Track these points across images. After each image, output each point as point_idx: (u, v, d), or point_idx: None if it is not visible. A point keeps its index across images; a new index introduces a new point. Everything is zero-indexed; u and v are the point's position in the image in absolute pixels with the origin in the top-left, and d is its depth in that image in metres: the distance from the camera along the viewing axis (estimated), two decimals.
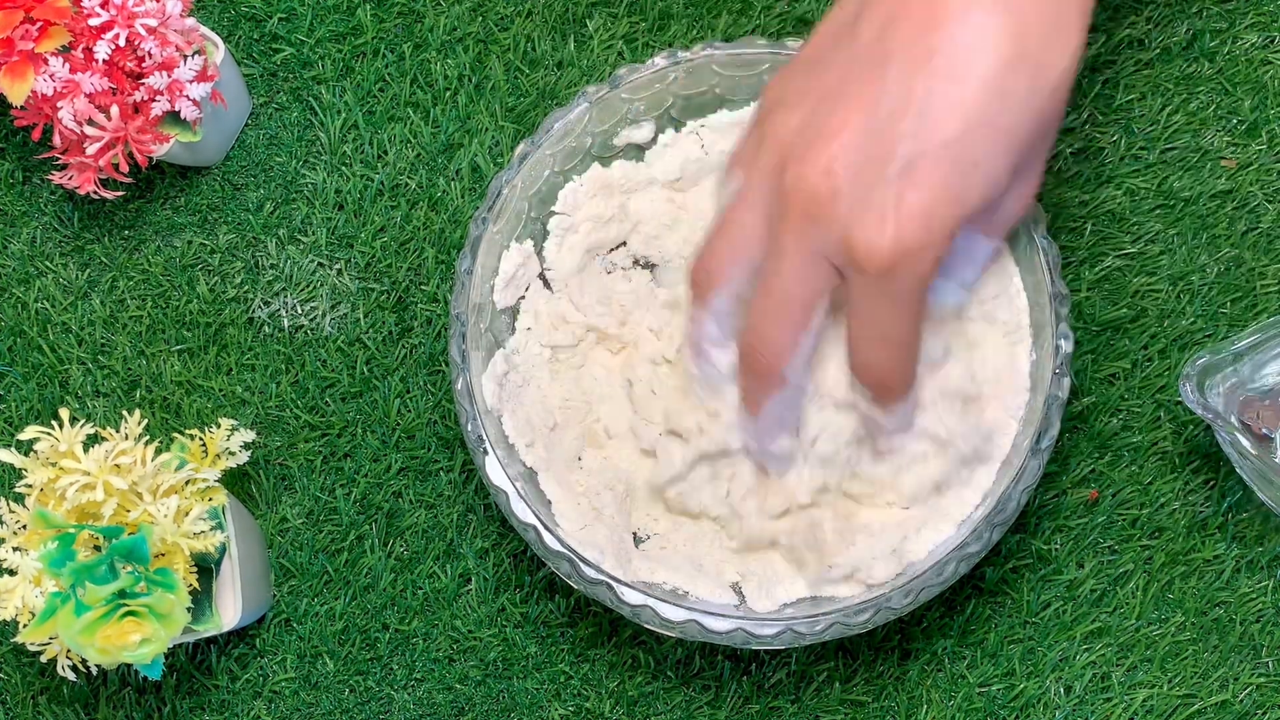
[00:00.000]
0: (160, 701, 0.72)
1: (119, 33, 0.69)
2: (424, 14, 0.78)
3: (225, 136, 0.76)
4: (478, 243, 0.66)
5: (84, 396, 0.75)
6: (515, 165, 0.67)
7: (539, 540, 0.62)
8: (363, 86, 0.78)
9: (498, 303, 0.68)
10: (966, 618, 0.70)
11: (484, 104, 0.77)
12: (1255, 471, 0.66)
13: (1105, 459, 0.72)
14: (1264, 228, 0.73)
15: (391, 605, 0.72)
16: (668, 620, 0.61)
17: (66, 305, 0.76)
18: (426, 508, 0.73)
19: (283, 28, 0.78)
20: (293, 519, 0.73)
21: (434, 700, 0.72)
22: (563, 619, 0.72)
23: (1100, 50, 0.75)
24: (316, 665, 0.72)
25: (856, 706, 0.70)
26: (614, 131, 0.69)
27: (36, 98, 0.69)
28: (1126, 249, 0.74)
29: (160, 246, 0.77)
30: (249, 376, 0.75)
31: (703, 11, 0.77)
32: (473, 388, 0.64)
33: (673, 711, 0.71)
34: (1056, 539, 0.71)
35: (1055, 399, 0.62)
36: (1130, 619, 0.70)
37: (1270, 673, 0.69)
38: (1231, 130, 0.74)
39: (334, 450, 0.74)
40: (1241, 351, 0.66)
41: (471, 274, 0.65)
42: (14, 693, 0.72)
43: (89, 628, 0.62)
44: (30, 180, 0.78)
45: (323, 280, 0.76)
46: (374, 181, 0.77)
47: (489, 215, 0.66)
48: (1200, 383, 0.65)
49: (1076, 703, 0.69)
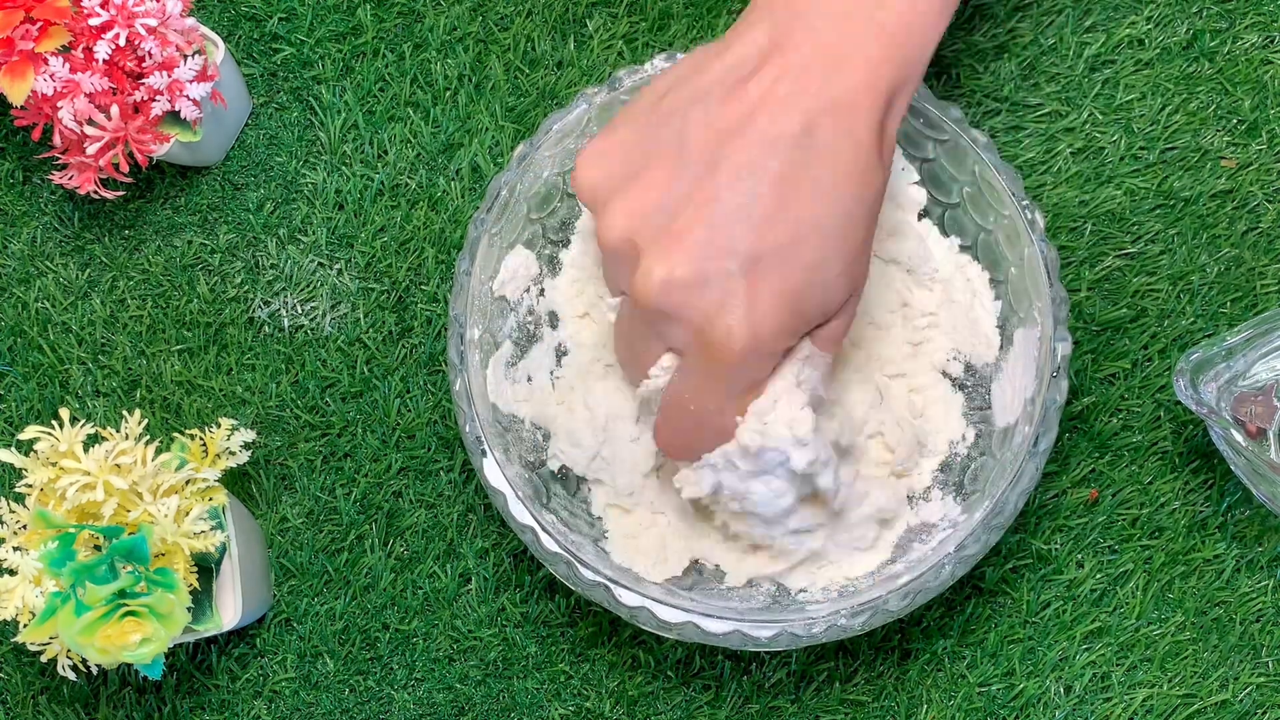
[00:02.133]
0: (160, 701, 0.72)
1: (119, 32, 0.69)
2: (424, 14, 0.78)
3: (225, 136, 0.76)
4: (477, 243, 0.66)
5: (84, 396, 0.75)
6: (514, 166, 0.67)
7: (536, 542, 0.62)
8: (363, 86, 0.78)
9: (496, 300, 0.68)
10: (966, 618, 0.70)
11: (484, 104, 0.77)
12: (1249, 468, 0.66)
13: (1105, 459, 0.72)
14: (1264, 228, 0.73)
15: (391, 605, 0.72)
16: (665, 622, 0.61)
17: (66, 305, 0.76)
18: (426, 508, 0.73)
19: (283, 28, 0.78)
20: (293, 519, 0.73)
21: (434, 700, 0.72)
22: (563, 619, 0.72)
23: (1100, 50, 0.75)
24: (316, 665, 0.72)
25: (856, 706, 0.70)
26: None
27: (36, 97, 0.69)
28: (1126, 249, 0.74)
29: (160, 246, 0.77)
30: (249, 376, 0.75)
31: (703, 11, 0.77)
32: (471, 389, 0.64)
33: (673, 711, 0.71)
34: (1056, 539, 0.71)
35: (1053, 402, 0.62)
36: (1130, 619, 0.70)
37: (1270, 672, 0.69)
38: (1231, 130, 0.74)
39: (334, 450, 0.74)
40: (1235, 347, 0.66)
41: (470, 275, 0.65)
42: (14, 693, 0.72)
43: (89, 628, 0.62)
44: (30, 180, 0.78)
45: (323, 280, 0.76)
46: (374, 181, 0.77)
47: (488, 216, 0.66)
48: (1194, 378, 0.65)
49: (1076, 702, 0.69)
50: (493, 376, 0.67)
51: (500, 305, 0.68)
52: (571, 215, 0.71)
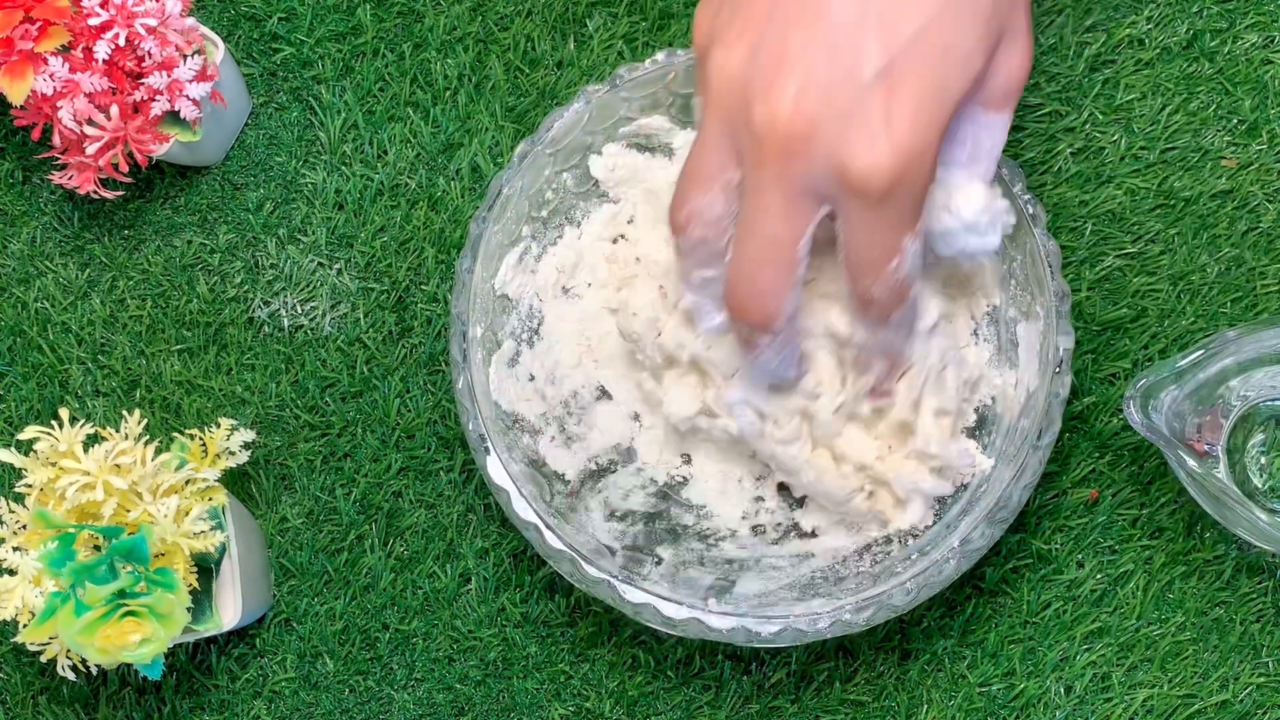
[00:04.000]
0: (160, 701, 0.72)
1: (119, 32, 0.69)
2: (424, 14, 0.78)
3: (225, 136, 0.76)
4: (478, 242, 0.66)
5: (84, 396, 0.75)
6: (515, 165, 0.67)
7: (540, 539, 0.62)
8: (363, 86, 0.78)
9: (498, 298, 0.68)
10: (967, 617, 0.70)
11: (484, 104, 0.77)
12: (1203, 491, 0.65)
13: (1105, 459, 0.72)
14: (1264, 228, 0.73)
15: (391, 605, 0.72)
16: (669, 619, 0.61)
17: (66, 305, 0.76)
18: (426, 507, 0.73)
19: (283, 27, 0.78)
20: (293, 519, 0.73)
21: (434, 700, 0.72)
22: (563, 619, 0.72)
23: (1100, 50, 0.75)
24: (316, 665, 0.72)
25: (856, 706, 0.70)
26: (614, 130, 0.69)
27: (36, 97, 0.69)
28: (1126, 249, 0.74)
29: (160, 246, 0.77)
30: (249, 376, 0.75)
31: None
32: (474, 386, 0.64)
33: (673, 711, 0.71)
34: (1056, 539, 0.71)
35: (1056, 396, 0.62)
36: (1130, 619, 0.70)
37: (1270, 673, 0.69)
38: (1231, 130, 0.74)
39: (334, 450, 0.74)
40: (1183, 369, 0.65)
41: (472, 273, 0.65)
42: (14, 693, 0.72)
43: (89, 628, 0.62)
44: (30, 180, 0.78)
45: (323, 280, 0.76)
46: (374, 181, 0.77)
47: (489, 215, 0.66)
48: (1144, 403, 0.64)
49: (1077, 703, 0.69)
50: (495, 375, 0.67)
51: (502, 303, 0.69)
52: (570, 212, 0.71)
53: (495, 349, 0.68)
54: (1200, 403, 0.67)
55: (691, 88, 0.69)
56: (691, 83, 0.68)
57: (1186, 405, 0.66)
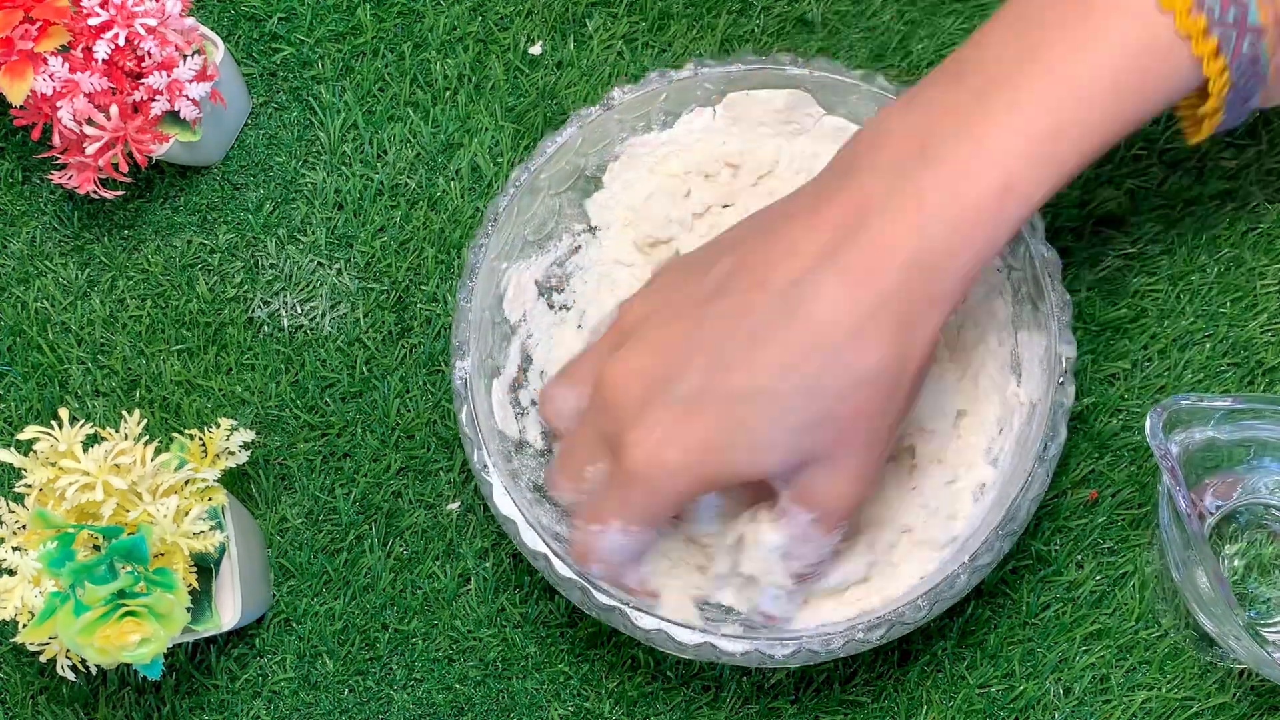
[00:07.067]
0: (160, 701, 0.72)
1: (118, 32, 0.69)
2: (424, 14, 0.78)
3: (225, 136, 0.76)
4: (476, 269, 0.65)
5: (84, 396, 0.75)
6: (511, 190, 0.67)
7: (550, 568, 0.62)
8: (362, 86, 0.78)
9: (498, 325, 0.68)
10: (966, 619, 0.70)
11: (484, 104, 0.77)
12: (1172, 543, 0.63)
13: (1105, 459, 0.72)
14: (1264, 228, 0.73)
15: (391, 605, 0.72)
16: (681, 643, 0.61)
17: (66, 305, 0.76)
18: (426, 508, 0.73)
19: (282, 27, 0.78)
20: (292, 519, 0.73)
21: (434, 700, 0.72)
22: (563, 619, 0.72)
23: None
24: (316, 665, 0.72)
25: (856, 707, 0.70)
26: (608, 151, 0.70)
27: (36, 97, 0.69)
28: (1126, 249, 0.74)
29: (160, 246, 0.77)
30: (249, 376, 0.75)
31: (702, 11, 0.77)
32: (478, 418, 0.64)
33: (673, 711, 0.71)
34: (1056, 540, 0.71)
35: (1060, 406, 0.62)
36: (1130, 620, 0.70)
37: None
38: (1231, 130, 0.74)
39: (334, 450, 0.74)
40: (1228, 411, 0.62)
41: (471, 303, 0.65)
42: (14, 693, 0.72)
43: (88, 628, 0.62)
44: (30, 180, 0.78)
45: (322, 280, 0.76)
46: (374, 181, 0.77)
47: (486, 242, 0.66)
48: (1169, 424, 0.62)
49: (1076, 704, 0.69)
50: (497, 401, 0.67)
51: (502, 330, 0.68)
52: (565, 236, 0.71)
53: (497, 375, 0.67)
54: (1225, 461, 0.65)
55: (681, 106, 0.69)
56: (682, 101, 0.69)
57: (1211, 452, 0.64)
